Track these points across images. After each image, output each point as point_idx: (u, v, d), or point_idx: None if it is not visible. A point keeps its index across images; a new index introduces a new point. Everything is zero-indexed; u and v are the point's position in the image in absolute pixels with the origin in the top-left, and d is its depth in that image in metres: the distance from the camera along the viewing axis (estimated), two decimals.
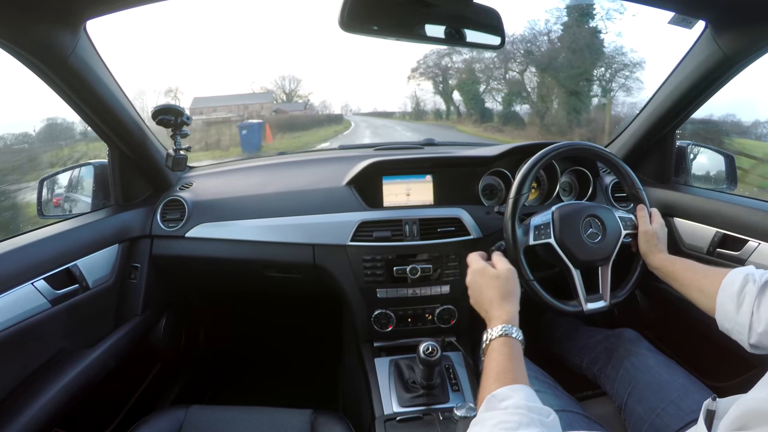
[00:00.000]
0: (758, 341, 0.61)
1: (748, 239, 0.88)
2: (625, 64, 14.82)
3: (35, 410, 0.75)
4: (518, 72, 18.21)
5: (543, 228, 0.86)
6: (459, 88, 21.46)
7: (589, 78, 14.98)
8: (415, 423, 0.85)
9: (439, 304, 1.05)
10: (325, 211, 1.05)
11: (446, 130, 18.76)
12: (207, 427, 0.82)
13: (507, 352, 0.59)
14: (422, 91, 26.17)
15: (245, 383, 1.57)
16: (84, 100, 0.87)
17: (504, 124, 17.77)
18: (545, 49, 16.76)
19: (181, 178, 1.25)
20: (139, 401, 1.20)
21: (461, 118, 21.34)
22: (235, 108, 26.99)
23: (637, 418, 0.78)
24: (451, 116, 22.78)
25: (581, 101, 14.94)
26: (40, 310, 0.79)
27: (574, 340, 1.04)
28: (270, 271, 1.10)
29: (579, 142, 0.94)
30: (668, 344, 1.11)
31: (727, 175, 1.17)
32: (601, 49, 15.04)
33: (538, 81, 17.37)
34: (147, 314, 1.10)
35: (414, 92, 28.54)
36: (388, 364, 1.01)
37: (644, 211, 0.88)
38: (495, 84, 19.61)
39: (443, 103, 23.63)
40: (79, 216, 1.01)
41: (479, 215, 1.05)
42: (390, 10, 0.71)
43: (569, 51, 15.30)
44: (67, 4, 0.68)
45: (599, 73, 15.13)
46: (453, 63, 22.32)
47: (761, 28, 0.77)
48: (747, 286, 0.64)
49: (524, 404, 0.50)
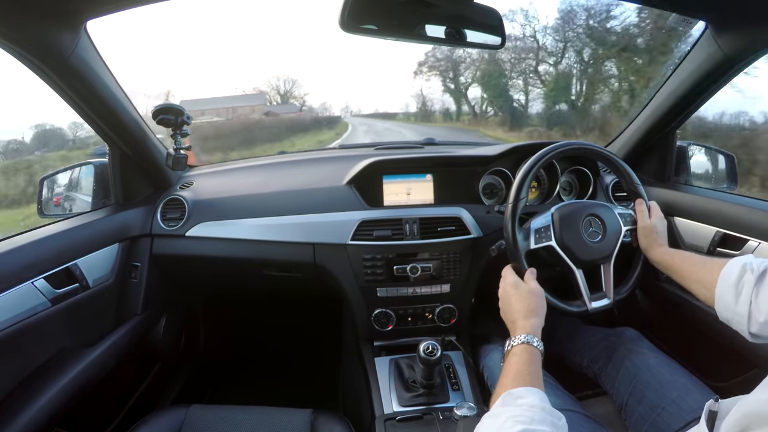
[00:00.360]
0: (759, 330, 0.62)
1: (749, 239, 0.88)
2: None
3: (35, 410, 0.75)
4: (572, 58, 13.46)
5: (543, 231, 0.86)
6: (481, 82, 18.20)
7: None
8: (415, 422, 0.85)
9: (439, 303, 1.05)
10: (326, 210, 1.05)
11: (467, 135, 14.85)
12: (207, 426, 0.82)
13: (527, 358, 0.63)
14: (429, 89, 24.57)
15: (245, 383, 1.57)
16: (84, 99, 0.87)
17: (549, 128, 13.90)
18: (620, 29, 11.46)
19: (181, 177, 1.25)
20: (139, 401, 1.20)
21: (480, 119, 18.16)
22: (224, 111, 26.26)
23: (638, 417, 0.78)
24: (464, 117, 20.08)
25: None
26: (40, 309, 0.79)
27: (575, 339, 1.04)
28: (270, 270, 1.10)
29: (579, 142, 0.94)
30: (669, 343, 1.11)
31: (728, 175, 1.17)
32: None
33: (599, 71, 12.75)
34: (147, 314, 1.10)
35: (420, 90, 26.83)
36: (388, 363, 1.01)
37: (643, 206, 0.88)
38: (531, 77, 15.62)
39: (454, 101, 20.94)
40: (79, 215, 1.01)
41: (479, 214, 1.05)
42: (390, 10, 0.72)
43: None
44: (68, 4, 0.69)
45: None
46: (468, 54, 19.61)
47: (761, 29, 0.77)
48: (745, 275, 0.64)
49: (539, 404, 0.52)
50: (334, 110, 36.18)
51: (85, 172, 1.12)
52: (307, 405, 0.86)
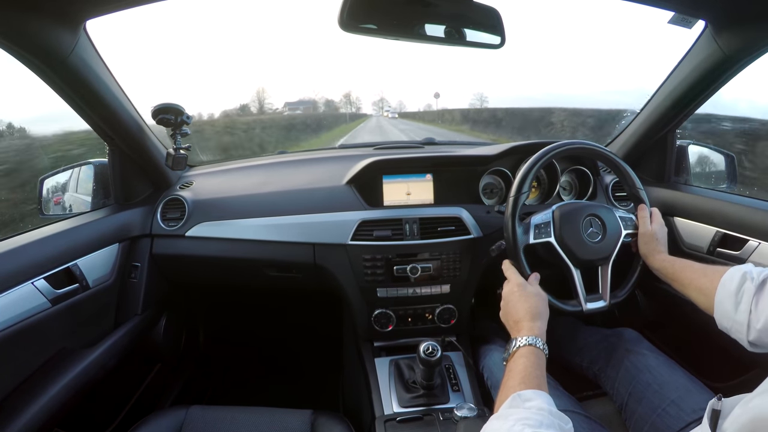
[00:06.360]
0: (757, 338, 0.61)
1: (749, 239, 0.87)
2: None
3: (35, 410, 0.75)
4: None
5: (543, 227, 0.86)
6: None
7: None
8: (416, 423, 0.85)
9: (439, 304, 1.05)
10: (326, 211, 1.05)
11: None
12: (207, 427, 0.81)
13: (533, 360, 0.63)
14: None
15: (245, 383, 1.57)
16: (84, 99, 0.87)
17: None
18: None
19: (181, 177, 1.25)
20: (139, 401, 1.20)
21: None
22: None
23: (638, 418, 0.78)
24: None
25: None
26: (40, 310, 0.79)
27: (575, 340, 1.04)
28: (270, 271, 1.10)
29: (580, 141, 0.94)
30: (669, 344, 1.10)
31: (728, 175, 1.17)
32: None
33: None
34: (147, 314, 1.10)
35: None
36: (388, 364, 1.01)
37: (645, 212, 0.88)
38: None
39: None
40: (79, 215, 1.01)
41: (479, 214, 1.05)
42: (389, 10, 0.71)
43: None
44: (67, 4, 0.68)
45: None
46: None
47: (761, 28, 0.76)
48: (745, 284, 0.63)
49: (547, 408, 0.52)
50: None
51: (84, 172, 1.12)
52: (307, 405, 0.86)
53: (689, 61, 0.94)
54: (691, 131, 1.26)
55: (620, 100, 34.08)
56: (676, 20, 0.83)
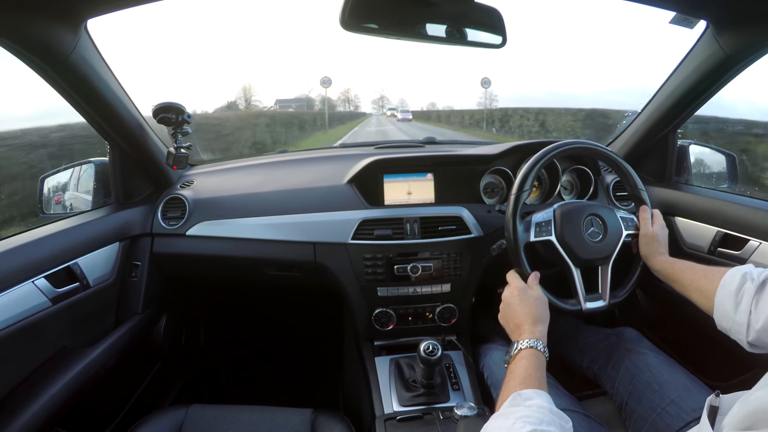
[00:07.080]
0: (756, 339, 0.61)
1: (749, 238, 0.87)
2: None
3: (36, 409, 0.75)
4: None
5: (544, 225, 0.86)
6: None
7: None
8: (416, 422, 0.85)
9: (439, 303, 1.05)
10: (326, 210, 1.05)
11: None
12: (207, 426, 0.82)
13: (534, 362, 0.64)
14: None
15: (245, 382, 1.57)
16: (85, 98, 0.87)
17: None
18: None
19: (181, 176, 1.25)
20: (139, 400, 1.19)
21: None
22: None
23: (638, 417, 0.78)
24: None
25: None
26: (41, 309, 0.79)
27: (575, 339, 1.04)
28: (271, 270, 1.10)
29: (581, 141, 0.93)
30: (669, 343, 1.11)
31: (729, 174, 1.17)
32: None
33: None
34: (147, 313, 1.10)
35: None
36: (389, 363, 1.01)
37: (646, 213, 0.88)
38: None
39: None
40: (79, 214, 1.01)
41: (480, 214, 1.05)
42: (391, 9, 0.71)
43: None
44: (68, 3, 0.68)
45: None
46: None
47: (763, 28, 0.76)
48: (745, 284, 0.63)
49: (547, 406, 0.53)
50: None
51: (85, 171, 1.12)
52: (307, 404, 0.86)
53: (690, 61, 0.94)
54: (691, 131, 1.26)
55: (620, 100, 34.04)
56: (677, 20, 0.83)
